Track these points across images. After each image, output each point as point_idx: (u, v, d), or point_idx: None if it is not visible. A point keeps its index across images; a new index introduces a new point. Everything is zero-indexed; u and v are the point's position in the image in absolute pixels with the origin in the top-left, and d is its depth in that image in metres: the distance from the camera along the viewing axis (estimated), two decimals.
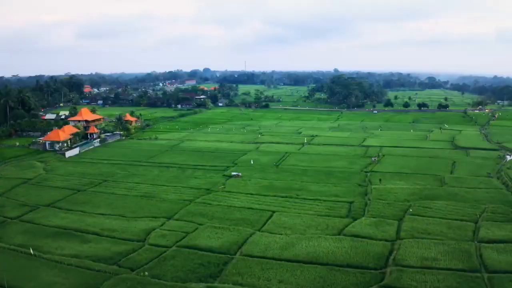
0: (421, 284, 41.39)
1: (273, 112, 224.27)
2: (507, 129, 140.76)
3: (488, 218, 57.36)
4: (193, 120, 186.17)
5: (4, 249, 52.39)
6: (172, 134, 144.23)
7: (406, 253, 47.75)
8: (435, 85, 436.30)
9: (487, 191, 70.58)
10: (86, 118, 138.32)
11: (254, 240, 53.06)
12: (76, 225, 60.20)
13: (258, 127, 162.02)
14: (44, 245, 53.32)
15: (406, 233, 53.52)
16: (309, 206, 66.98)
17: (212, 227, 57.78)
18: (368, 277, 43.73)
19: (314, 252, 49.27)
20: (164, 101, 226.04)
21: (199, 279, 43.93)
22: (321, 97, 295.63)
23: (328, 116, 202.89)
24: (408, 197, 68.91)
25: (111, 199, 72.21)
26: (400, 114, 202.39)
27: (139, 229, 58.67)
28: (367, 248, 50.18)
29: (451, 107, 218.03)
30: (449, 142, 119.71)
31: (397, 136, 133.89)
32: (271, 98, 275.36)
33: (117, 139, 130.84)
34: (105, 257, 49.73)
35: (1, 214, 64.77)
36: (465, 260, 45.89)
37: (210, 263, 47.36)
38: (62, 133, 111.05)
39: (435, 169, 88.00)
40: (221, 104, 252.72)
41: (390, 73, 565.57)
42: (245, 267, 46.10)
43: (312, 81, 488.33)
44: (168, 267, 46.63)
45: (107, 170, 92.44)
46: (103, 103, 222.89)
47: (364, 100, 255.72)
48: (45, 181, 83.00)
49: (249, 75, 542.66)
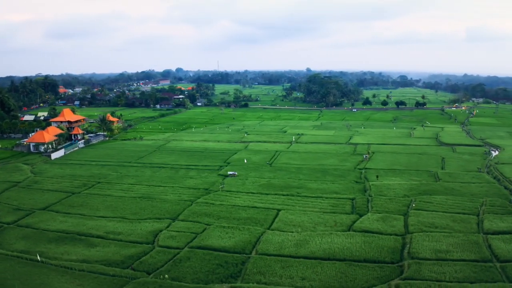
0: (440, 275, 42.58)
1: (253, 111, 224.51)
2: (486, 125, 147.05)
3: (489, 211, 59.70)
4: (174, 120, 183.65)
5: (7, 256, 49.80)
6: (157, 135, 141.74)
7: (419, 246, 48.93)
8: (407, 83, 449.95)
9: (481, 185, 73.40)
10: (69, 119, 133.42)
11: (267, 239, 52.90)
12: (78, 228, 58.10)
13: (242, 127, 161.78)
14: (49, 251, 51.17)
15: (415, 227, 54.84)
16: (312, 203, 67.47)
17: (221, 227, 57.18)
18: (387, 271, 44.54)
19: (329, 248, 49.68)
20: (142, 101, 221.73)
21: (220, 280, 43.37)
22: (298, 96, 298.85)
23: (309, 115, 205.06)
24: (407, 192, 70.68)
25: (109, 201, 70.15)
26: (379, 112, 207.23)
27: (145, 231, 57.31)
28: (379, 242, 51.09)
29: (427, 105, 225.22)
30: (433, 139, 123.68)
31: (382, 133, 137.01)
32: (249, 98, 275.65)
33: (101, 140, 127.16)
34: (116, 261, 48.26)
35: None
36: (476, 251, 47.55)
37: (227, 263, 46.85)
38: (47, 135, 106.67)
39: (426, 165, 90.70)
40: (200, 103, 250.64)
41: (363, 72, 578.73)
42: (265, 265, 45.92)
43: (286, 80, 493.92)
44: (185, 269, 45.76)
45: (98, 172, 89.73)
46: (79, 103, 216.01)
47: (341, 98, 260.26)
48: (36, 184, 79.62)
49: (224, 75, 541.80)
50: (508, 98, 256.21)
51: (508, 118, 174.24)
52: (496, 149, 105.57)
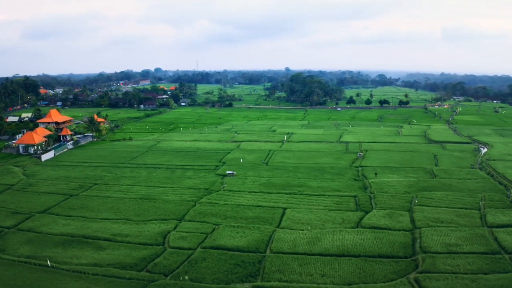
0: (454, 268, 43.85)
1: (238, 111, 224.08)
2: (471, 123, 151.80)
3: (489, 206, 61.78)
4: (160, 120, 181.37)
5: (14, 261, 48.18)
6: (145, 135, 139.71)
7: (430, 241, 50.15)
8: (386, 82, 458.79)
9: (477, 181, 75.82)
10: (56, 119, 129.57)
11: (279, 237, 53.07)
12: (82, 231, 56.76)
13: (231, 126, 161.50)
14: (56, 255, 49.75)
15: (421, 223, 56.15)
16: (316, 201, 68.07)
17: (230, 227, 56.97)
18: (403, 265, 45.50)
19: (342, 245, 50.31)
20: (126, 102, 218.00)
21: (240, 280, 43.26)
22: (281, 96, 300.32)
23: (295, 114, 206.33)
24: (407, 189, 72.27)
25: (110, 203, 68.80)
26: (363, 111, 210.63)
27: (153, 232, 56.53)
28: (390, 238, 52.10)
29: (410, 103, 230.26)
30: (422, 137, 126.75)
31: (370, 132, 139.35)
32: (233, 97, 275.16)
33: (89, 141, 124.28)
34: (129, 263, 47.42)
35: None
36: (484, 244, 49.15)
37: (244, 262, 46.76)
38: (36, 136, 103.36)
39: (419, 162, 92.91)
40: (183, 103, 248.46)
41: (342, 72, 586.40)
42: (282, 264, 46.08)
43: (267, 80, 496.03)
44: (203, 269, 45.41)
45: (92, 173, 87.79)
46: (62, 104, 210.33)
47: (324, 98, 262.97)
48: (30, 187, 77.21)
49: (204, 75, 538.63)
50: (488, 96, 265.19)
51: (491, 116, 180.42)
52: (485, 146, 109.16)
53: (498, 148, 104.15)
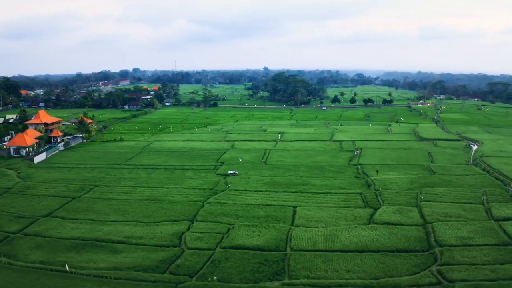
0: (472, 259, 45.52)
1: (224, 110, 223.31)
2: (457, 121, 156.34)
3: (492, 200, 64.12)
4: (147, 121, 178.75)
5: (28, 268, 46.66)
6: (136, 136, 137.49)
7: (443, 235, 51.71)
8: (365, 81, 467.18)
9: (474, 177, 78.44)
10: (45, 121, 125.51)
11: (296, 235, 53.45)
12: (93, 235, 55.55)
13: (221, 126, 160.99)
14: (72, 260, 48.47)
15: (431, 217, 57.75)
16: (323, 199, 68.86)
17: (245, 226, 56.98)
18: (422, 259, 46.79)
19: (360, 241, 51.20)
20: (109, 102, 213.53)
21: (267, 278, 43.41)
22: (264, 95, 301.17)
23: (281, 114, 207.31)
24: (409, 185, 74.06)
25: (115, 205, 67.51)
26: (348, 110, 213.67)
27: (166, 233, 55.92)
28: (404, 233, 53.39)
29: (393, 102, 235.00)
30: (412, 135, 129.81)
31: (361, 130, 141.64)
32: (216, 97, 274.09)
33: (79, 142, 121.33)
34: (150, 266, 46.78)
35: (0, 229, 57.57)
36: (495, 236, 51.10)
37: (268, 261, 46.93)
38: (28, 138, 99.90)
39: (415, 159, 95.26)
40: (168, 103, 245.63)
41: (320, 71, 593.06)
42: (306, 261, 46.50)
43: (247, 79, 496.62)
44: (227, 269, 45.30)
45: (90, 175, 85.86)
46: (45, 105, 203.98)
47: (307, 97, 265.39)
48: (29, 190, 74.81)
49: (184, 75, 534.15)
50: (468, 94, 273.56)
51: (475, 113, 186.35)
52: (475, 143, 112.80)
53: (488, 145, 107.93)
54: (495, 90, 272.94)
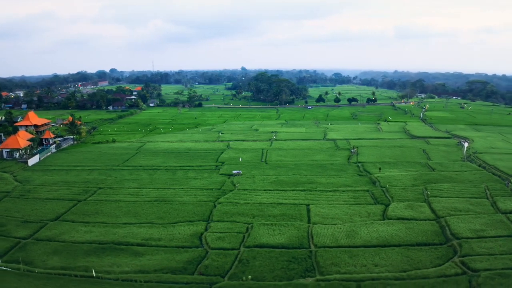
0: (489, 250, 47.57)
1: (210, 111, 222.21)
2: (443, 119, 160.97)
3: (495, 194, 66.81)
4: (135, 122, 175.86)
5: (50, 274, 45.22)
6: (127, 137, 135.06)
7: (458, 228, 53.63)
8: (344, 80, 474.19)
9: (473, 173, 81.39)
10: (35, 122, 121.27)
11: (317, 232, 54.18)
12: (110, 238, 54.58)
13: (211, 126, 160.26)
14: (94, 265, 47.40)
15: (442, 212, 59.71)
16: (333, 197, 69.95)
17: (264, 225, 57.28)
18: (442, 251, 48.46)
19: (380, 236, 52.45)
20: (93, 103, 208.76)
21: (300, 275, 43.89)
22: (247, 95, 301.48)
23: (268, 113, 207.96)
24: (413, 182, 76.17)
25: (125, 207, 66.44)
26: (334, 109, 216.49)
27: (184, 234, 55.59)
28: (419, 227, 55.05)
29: (377, 101, 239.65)
30: (403, 133, 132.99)
31: (352, 129, 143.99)
32: (200, 97, 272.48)
33: (71, 144, 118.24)
34: (177, 268, 46.44)
35: (9, 235, 55.61)
36: (505, 228, 53.44)
37: (295, 258, 47.47)
38: (21, 140, 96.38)
39: (412, 157, 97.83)
40: (152, 104, 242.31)
41: (298, 71, 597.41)
42: (333, 257, 47.28)
43: (226, 79, 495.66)
44: (258, 268, 45.51)
45: (90, 177, 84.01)
46: (27, 107, 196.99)
47: (291, 96, 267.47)
48: (30, 193, 72.52)
49: (163, 75, 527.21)
50: (447, 93, 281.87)
51: (458, 111, 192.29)
52: (465, 140, 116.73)
53: (479, 142, 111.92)
54: (474, 89, 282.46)
